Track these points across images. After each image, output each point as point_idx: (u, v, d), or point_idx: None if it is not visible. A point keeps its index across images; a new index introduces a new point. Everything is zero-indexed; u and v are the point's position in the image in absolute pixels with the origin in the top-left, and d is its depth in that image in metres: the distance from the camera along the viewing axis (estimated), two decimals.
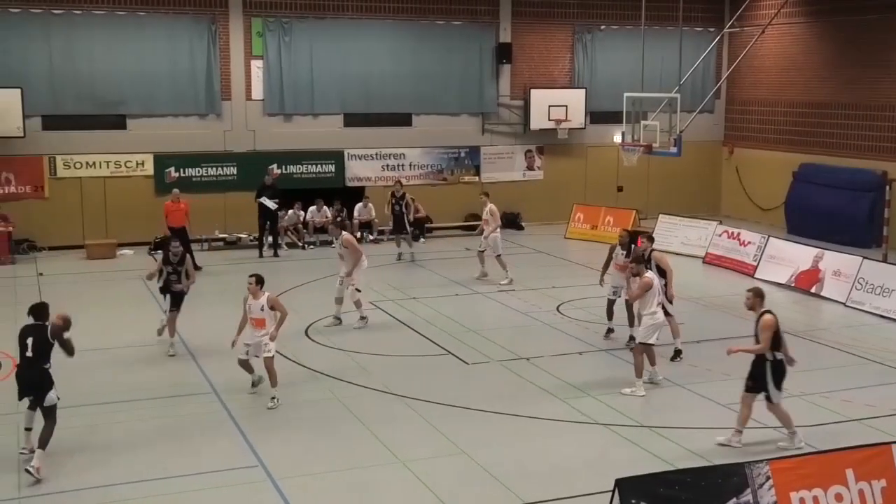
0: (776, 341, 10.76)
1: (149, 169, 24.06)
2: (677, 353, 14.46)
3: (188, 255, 15.57)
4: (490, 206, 19.89)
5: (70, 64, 23.19)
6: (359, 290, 16.17)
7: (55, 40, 23.00)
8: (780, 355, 10.80)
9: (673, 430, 11.45)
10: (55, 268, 21.29)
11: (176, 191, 21.44)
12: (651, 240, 15.03)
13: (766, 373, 10.79)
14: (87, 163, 23.57)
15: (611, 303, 15.55)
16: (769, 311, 10.82)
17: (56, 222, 23.19)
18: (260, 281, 12.38)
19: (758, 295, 11.07)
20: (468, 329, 16.12)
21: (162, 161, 24.09)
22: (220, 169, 24.70)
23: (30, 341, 10.33)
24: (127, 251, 22.96)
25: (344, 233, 16.44)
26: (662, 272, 14.35)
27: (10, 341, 14.88)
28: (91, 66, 23.34)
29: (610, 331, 15.67)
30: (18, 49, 22.70)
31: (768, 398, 10.87)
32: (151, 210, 23.21)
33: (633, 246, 15.43)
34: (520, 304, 17.84)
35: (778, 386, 10.82)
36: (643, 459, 10.48)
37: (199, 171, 24.47)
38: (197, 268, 18.63)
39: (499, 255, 19.72)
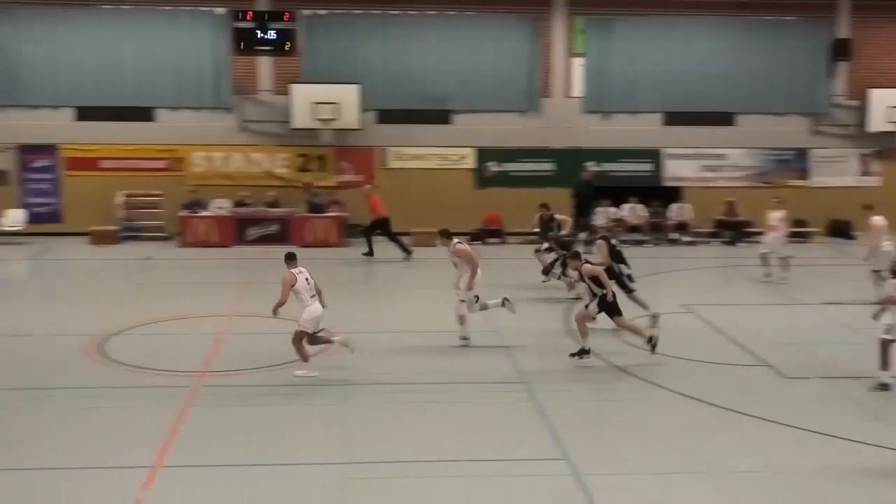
0: None
1: (470, 162, 25.00)
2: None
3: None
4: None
5: (403, 61, 24.61)
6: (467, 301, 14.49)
7: (391, 40, 24.52)
8: None
9: None
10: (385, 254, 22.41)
11: None
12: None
13: None
14: (415, 155, 24.91)
15: None
16: None
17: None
18: None
19: None
20: (787, 341, 15.20)
21: (483, 155, 24.92)
22: (537, 164, 25.14)
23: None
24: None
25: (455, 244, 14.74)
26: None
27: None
28: (422, 64, 24.65)
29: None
30: (359, 48, 24.43)
31: None
32: (471, 202, 24.11)
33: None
34: (849, 319, 16.48)
35: None
36: None
37: (517, 166, 25.08)
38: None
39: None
